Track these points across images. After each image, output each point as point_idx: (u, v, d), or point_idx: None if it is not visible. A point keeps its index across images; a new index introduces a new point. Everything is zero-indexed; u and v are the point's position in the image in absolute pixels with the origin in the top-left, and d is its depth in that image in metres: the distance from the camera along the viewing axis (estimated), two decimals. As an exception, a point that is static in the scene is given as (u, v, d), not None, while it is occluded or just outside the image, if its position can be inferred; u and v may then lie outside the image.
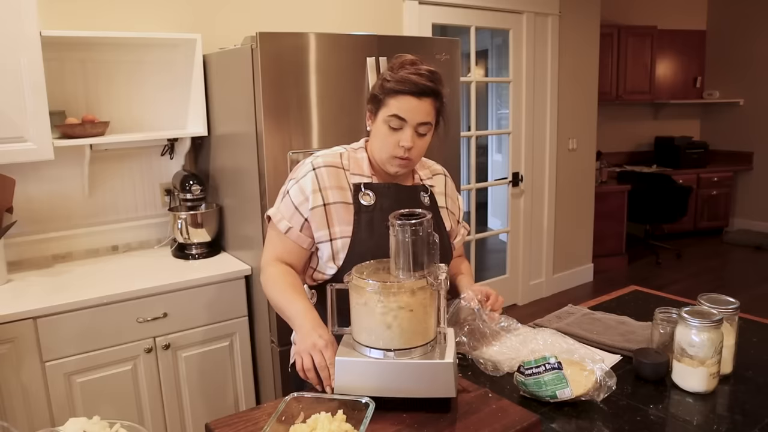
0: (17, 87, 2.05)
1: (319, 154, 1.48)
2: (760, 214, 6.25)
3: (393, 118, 1.37)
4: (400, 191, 1.48)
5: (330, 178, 1.44)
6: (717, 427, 1.14)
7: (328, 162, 1.45)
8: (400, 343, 1.13)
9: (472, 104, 4.17)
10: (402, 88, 1.36)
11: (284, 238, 1.45)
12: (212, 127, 2.58)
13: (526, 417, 1.11)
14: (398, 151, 1.39)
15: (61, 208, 2.50)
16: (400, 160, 1.41)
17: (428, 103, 1.38)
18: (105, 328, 2.07)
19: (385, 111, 1.38)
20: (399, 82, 1.36)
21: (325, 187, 1.43)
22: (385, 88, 1.39)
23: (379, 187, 1.46)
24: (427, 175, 1.60)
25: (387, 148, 1.41)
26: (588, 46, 4.55)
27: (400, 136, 1.38)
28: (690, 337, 1.24)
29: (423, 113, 1.38)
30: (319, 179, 1.43)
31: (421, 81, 1.36)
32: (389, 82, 1.38)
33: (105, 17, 2.48)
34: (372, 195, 1.44)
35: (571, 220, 4.71)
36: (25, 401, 1.96)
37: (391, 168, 1.44)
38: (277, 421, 1.03)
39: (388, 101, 1.38)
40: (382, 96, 1.39)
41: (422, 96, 1.36)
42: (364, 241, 1.41)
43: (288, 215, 1.45)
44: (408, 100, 1.36)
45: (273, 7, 2.91)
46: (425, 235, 1.14)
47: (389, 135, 1.39)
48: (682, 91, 6.38)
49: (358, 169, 1.47)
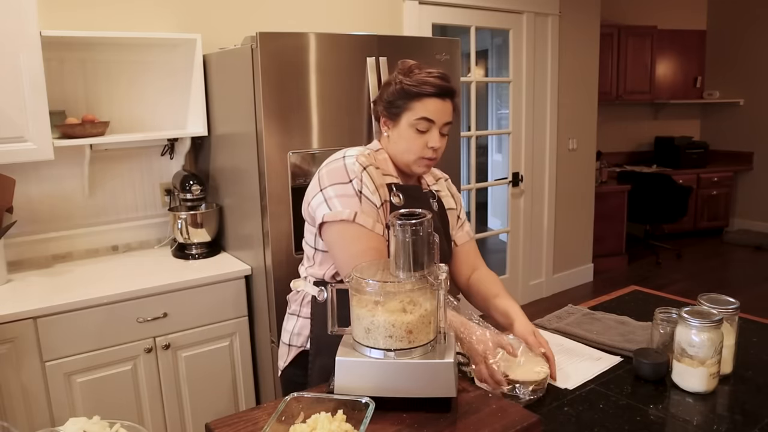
0: (17, 87, 2.05)
1: (356, 153, 1.44)
2: (760, 214, 6.25)
3: (422, 121, 1.41)
4: (421, 194, 1.53)
5: (378, 178, 1.44)
6: (717, 427, 1.14)
7: (368, 162, 1.43)
8: (400, 343, 1.13)
9: (472, 104, 4.17)
10: (427, 90, 1.40)
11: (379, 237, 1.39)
12: (212, 127, 2.58)
13: (526, 417, 1.11)
14: (427, 153, 1.44)
15: (61, 208, 2.50)
16: (427, 161, 1.46)
17: (449, 103, 1.44)
18: (105, 328, 2.07)
19: (411, 115, 1.42)
20: (421, 85, 1.40)
21: (379, 185, 1.43)
22: (407, 93, 1.41)
23: (407, 188, 1.50)
24: (431, 181, 1.63)
25: (415, 150, 1.44)
26: (588, 46, 4.55)
27: (427, 138, 1.43)
28: (690, 337, 1.24)
29: (447, 113, 1.44)
30: (373, 178, 1.42)
31: (441, 82, 1.41)
32: (410, 86, 1.41)
33: (105, 17, 2.48)
34: (401, 197, 1.47)
35: (571, 220, 4.71)
36: (25, 401, 1.96)
37: (419, 169, 1.47)
38: (277, 421, 1.03)
39: (413, 105, 1.41)
40: (404, 101, 1.42)
41: (445, 97, 1.42)
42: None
43: (377, 216, 1.40)
44: (434, 102, 1.41)
45: (273, 7, 2.91)
46: (425, 235, 1.14)
47: (417, 138, 1.43)
48: (682, 91, 6.38)
49: (387, 170, 1.49)
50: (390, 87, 1.46)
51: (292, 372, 1.59)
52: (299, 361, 1.57)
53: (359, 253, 1.37)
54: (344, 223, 1.38)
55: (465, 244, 1.66)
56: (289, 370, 1.60)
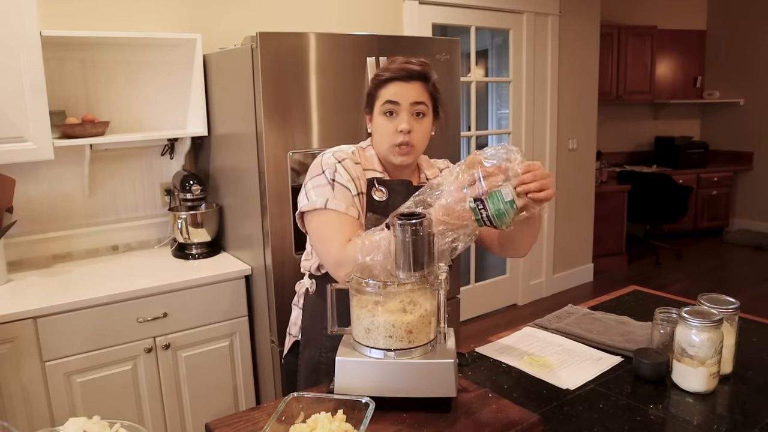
0: (17, 87, 2.05)
1: (335, 150, 1.47)
2: (760, 214, 6.25)
3: (387, 104, 1.40)
4: (411, 190, 1.46)
5: (354, 170, 1.45)
6: (717, 427, 1.14)
7: (346, 156, 1.45)
8: (400, 343, 1.13)
9: (472, 104, 4.17)
10: (389, 76, 1.41)
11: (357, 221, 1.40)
12: (212, 127, 2.58)
13: (526, 417, 1.11)
14: (397, 138, 1.40)
15: (61, 208, 2.50)
16: (401, 148, 1.42)
17: (418, 85, 1.41)
18: (105, 328, 2.07)
19: (379, 102, 1.42)
20: (387, 71, 1.42)
21: (355, 177, 1.43)
22: (374, 83, 1.44)
23: (392, 183, 1.47)
24: (434, 173, 1.58)
25: (387, 137, 1.42)
26: (588, 46, 4.55)
27: (397, 122, 1.41)
28: (690, 337, 1.24)
29: (414, 93, 1.40)
30: (348, 170, 1.43)
31: (407, 66, 1.41)
32: (378, 76, 1.43)
33: (105, 17, 2.48)
34: (385, 191, 1.45)
35: (571, 220, 4.71)
36: (25, 401, 1.96)
37: (395, 158, 1.44)
38: (277, 421, 1.03)
39: (380, 93, 1.42)
40: (374, 91, 1.44)
41: (410, 79, 1.40)
42: None
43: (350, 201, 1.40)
44: (397, 84, 1.40)
45: (273, 7, 2.91)
46: (425, 235, 1.14)
47: (387, 123, 1.42)
48: (682, 91, 6.38)
49: (370, 165, 1.48)
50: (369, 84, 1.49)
51: (290, 360, 1.63)
52: (295, 350, 1.62)
53: (332, 235, 1.38)
54: (318, 211, 1.41)
55: None
56: (288, 358, 1.65)
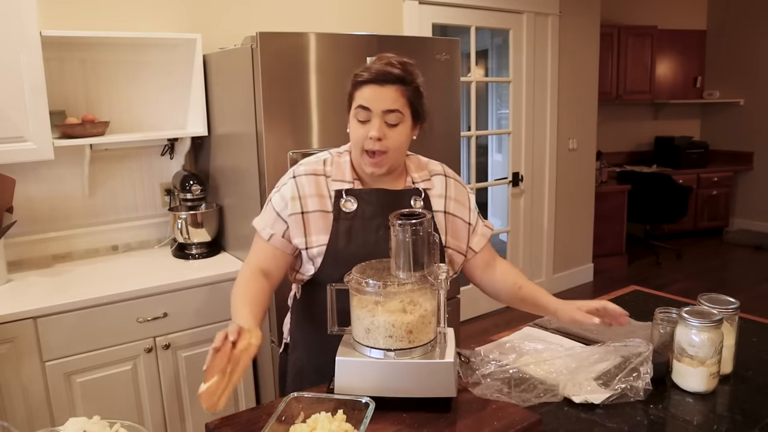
0: (17, 87, 2.05)
1: (303, 162, 1.46)
2: (760, 214, 6.25)
3: (359, 109, 1.33)
4: (386, 196, 1.41)
5: (310, 186, 1.41)
6: (717, 427, 1.14)
7: (310, 170, 1.43)
8: (400, 343, 1.13)
9: (472, 104, 4.17)
10: (364, 78, 1.33)
11: (267, 245, 1.43)
12: (212, 127, 2.58)
13: (526, 417, 1.11)
14: (368, 144, 1.33)
15: (61, 208, 2.50)
16: (371, 157, 1.34)
17: (393, 90, 1.32)
18: (105, 328, 2.07)
19: (353, 105, 1.36)
20: (365, 72, 1.34)
21: (305, 195, 1.40)
22: (352, 83, 1.37)
23: (361, 192, 1.40)
24: (423, 176, 1.48)
25: (358, 143, 1.35)
26: (588, 46, 4.55)
27: (368, 128, 1.33)
28: (690, 337, 1.24)
29: (388, 100, 1.32)
30: (299, 187, 1.41)
31: (383, 68, 1.32)
32: (356, 75, 1.36)
33: (105, 17, 2.48)
34: (354, 201, 1.39)
35: (571, 220, 4.71)
36: (25, 401, 1.96)
37: (366, 167, 1.37)
38: (277, 421, 1.03)
39: (355, 95, 1.35)
40: (351, 92, 1.37)
41: (385, 83, 1.32)
42: (341, 250, 1.38)
43: (270, 222, 1.43)
44: (370, 88, 1.32)
45: (273, 7, 2.91)
46: (425, 235, 1.14)
47: (359, 128, 1.35)
48: (682, 91, 6.38)
49: (340, 175, 1.42)
50: None
51: (284, 358, 1.64)
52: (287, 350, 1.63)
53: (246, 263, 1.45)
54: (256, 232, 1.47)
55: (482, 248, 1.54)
56: (282, 356, 1.65)
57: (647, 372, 1.24)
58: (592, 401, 1.21)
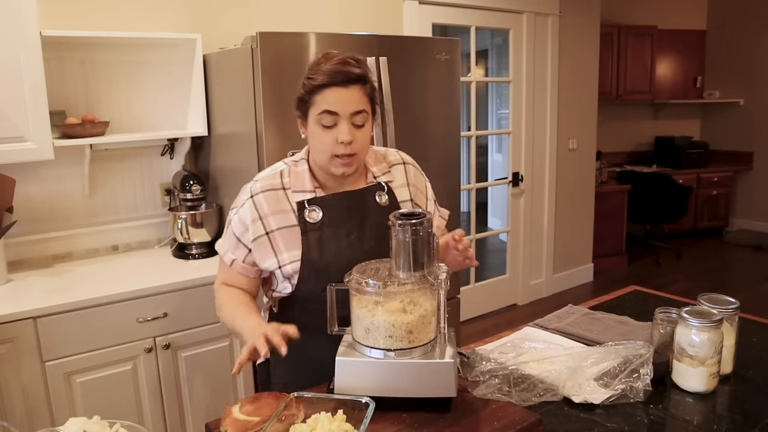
0: (17, 87, 2.05)
1: (258, 177, 1.41)
2: (760, 214, 6.25)
3: (324, 114, 1.28)
4: (350, 198, 1.38)
5: (269, 204, 1.36)
6: (717, 427, 1.14)
7: (267, 185, 1.37)
8: (400, 343, 1.13)
9: (472, 104, 4.17)
10: (326, 80, 1.26)
11: (229, 269, 1.41)
12: (212, 127, 2.58)
13: (526, 417, 1.11)
14: (338, 149, 1.29)
15: (61, 208, 2.50)
16: (342, 159, 1.30)
17: (357, 90, 1.29)
18: (105, 328, 2.07)
19: (315, 110, 1.29)
20: (322, 74, 1.27)
21: (266, 215, 1.35)
22: (308, 86, 1.29)
23: (325, 200, 1.37)
24: (383, 169, 1.45)
25: (326, 149, 1.30)
26: (588, 46, 4.56)
27: (336, 133, 1.28)
28: (690, 337, 1.24)
29: (355, 101, 1.28)
30: (257, 207, 1.35)
31: (344, 68, 1.27)
32: (311, 79, 1.28)
33: (105, 17, 2.48)
34: (319, 210, 1.35)
35: (571, 220, 4.71)
36: (25, 401, 1.96)
37: (336, 169, 1.33)
38: (277, 421, 1.03)
39: (315, 99, 1.28)
40: (308, 96, 1.29)
41: (349, 84, 1.27)
42: (315, 262, 1.34)
43: (232, 247, 1.40)
44: (334, 91, 1.27)
45: (273, 7, 2.91)
46: (425, 235, 1.14)
47: (325, 134, 1.29)
48: (682, 91, 6.38)
49: (300, 185, 1.37)
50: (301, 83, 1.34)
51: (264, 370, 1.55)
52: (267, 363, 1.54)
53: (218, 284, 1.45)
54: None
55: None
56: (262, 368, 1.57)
57: (647, 373, 1.24)
58: (592, 401, 1.21)
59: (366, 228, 1.38)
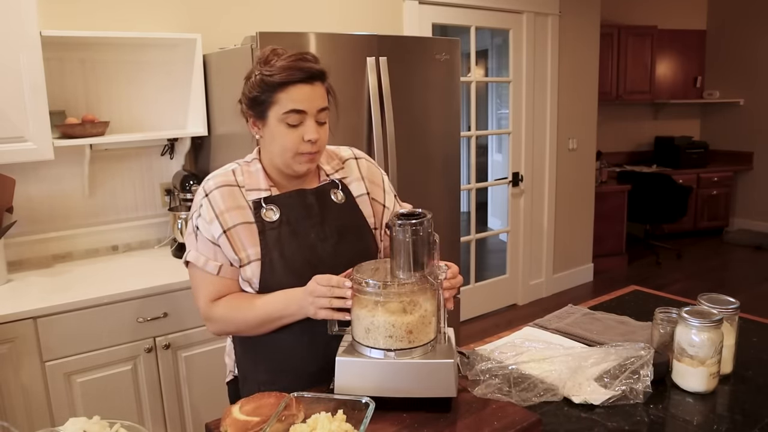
0: (17, 87, 2.05)
1: (210, 176, 1.36)
2: (760, 214, 6.25)
3: (291, 113, 1.24)
4: (307, 197, 1.35)
5: (224, 200, 1.31)
6: (717, 427, 1.14)
7: (220, 182, 1.33)
8: (400, 343, 1.13)
9: (472, 104, 4.17)
10: (291, 78, 1.23)
11: (217, 278, 1.32)
12: (212, 127, 2.58)
13: (526, 417, 1.11)
14: (304, 147, 1.26)
15: (61, 208, 2.50)
16: (307, 156, 1.28)
17: (320, 87, 1.27)
18: (105, 328, 2.07)
19: (278, 108, 1.25)
20: (282, 72, 1.23)
21: (221, 212, 1.30)
22: (268, 84, 1.24)
23: (281, 198, 1.33)
24: (335, 166, 1.42)
25: (290, 147, 1.26)
26: (588, 46, 4.56)
27: (302, 131, 1.25)
28: (690, 337, 1.24)
29: (319, 98, 1.27)
30: (213, 205, 1.31)
31: (305, 65, 1.24)
32: (269, 76, 1.24)
33: (105, 17, 2.48)
34: (276, 209, 1.31)
35: (571, 220, 4.71)
36: (25, 401, 1.96)
37: (300, 167, 1.30)
38: (277, 421, 1.03)
39: (278, 97, 1.24)
40: (267, 94, 1.25)
41: (313, 80, 1.25)
42: (275, 262, 1.29)
43: (211, 254, 1.31)
44: (300, 88, 1.23)
45: (273, 7, 2.91)
46: (425, 234, 1.14)
47: (289, 133, 1.26)
48: (682, 91, 6.38)
49: (254, 184, 1.33)
50: (249, 80, 1.29)
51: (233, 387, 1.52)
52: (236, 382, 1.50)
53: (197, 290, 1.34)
54: (188, 265, 1.36)
55: None
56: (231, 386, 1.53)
57: (647, 375, 1.24)
58: (592, 402, 1.21)
59: (326, 226, 1.35)
